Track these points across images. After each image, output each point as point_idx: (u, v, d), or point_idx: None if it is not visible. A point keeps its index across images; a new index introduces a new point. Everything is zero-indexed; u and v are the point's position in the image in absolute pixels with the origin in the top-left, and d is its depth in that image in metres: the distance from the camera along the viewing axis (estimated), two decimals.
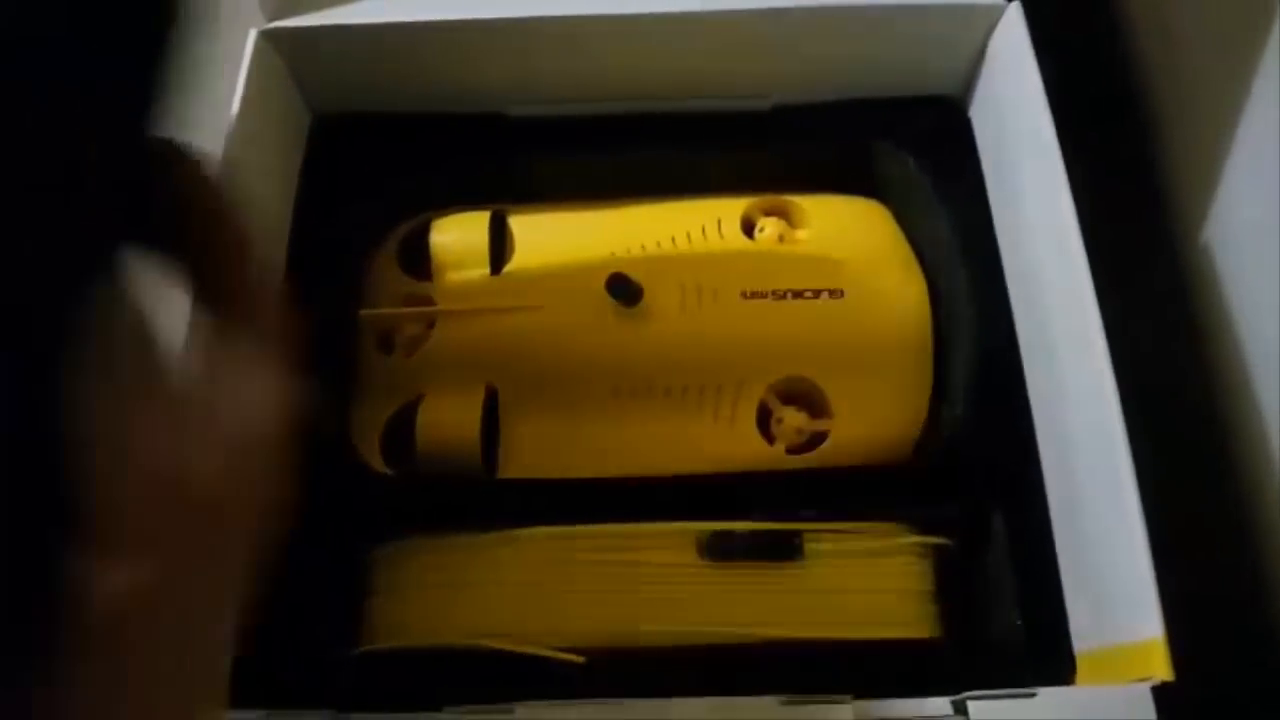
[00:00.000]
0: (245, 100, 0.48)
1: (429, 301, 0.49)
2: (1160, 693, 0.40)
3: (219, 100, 0.47)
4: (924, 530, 0.47)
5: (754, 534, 0.45)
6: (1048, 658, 0.43)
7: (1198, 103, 0.59)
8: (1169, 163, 0.62)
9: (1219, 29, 0.56)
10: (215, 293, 0.26)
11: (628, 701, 0.38)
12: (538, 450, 0.47)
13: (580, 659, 0.41)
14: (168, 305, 0.28)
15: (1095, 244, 0.45)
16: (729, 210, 0.50)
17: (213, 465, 0.23)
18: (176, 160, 0.26)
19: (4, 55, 0.19)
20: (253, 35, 0.50)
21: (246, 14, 0.50)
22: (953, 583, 0.48)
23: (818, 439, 0.48)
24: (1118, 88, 0.64)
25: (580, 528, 0.44)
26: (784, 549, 0.45)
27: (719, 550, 0.44)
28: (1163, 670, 0.40)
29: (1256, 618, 0.53)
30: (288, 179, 0.52)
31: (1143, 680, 0.40)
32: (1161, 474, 0.43)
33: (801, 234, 0.51)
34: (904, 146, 0.53)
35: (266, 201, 0.49)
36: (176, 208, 0.25)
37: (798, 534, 0.45)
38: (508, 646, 0.42)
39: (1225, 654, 0.47)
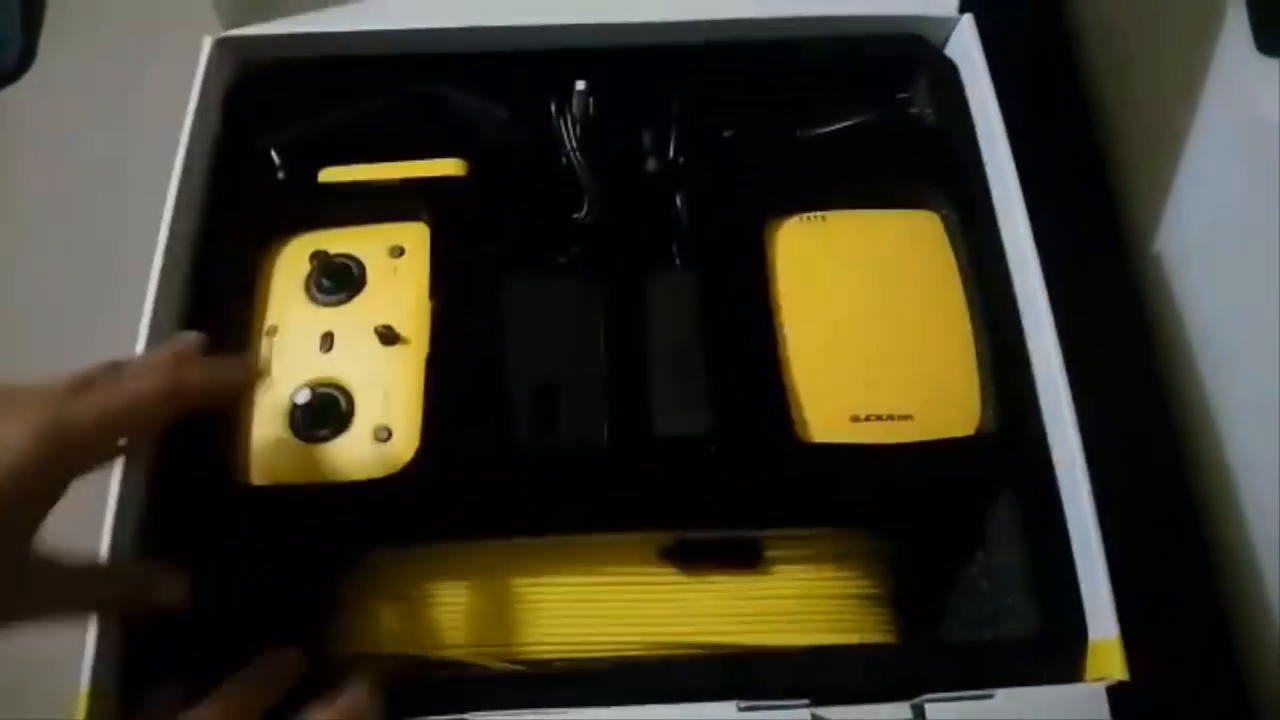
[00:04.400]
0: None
1: None
2: (1115, 692, 0.39)
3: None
4: (889, 536, 0.47)
5: (716, 540, 0.46)
6: (1007, 659, 0.42)
7: (1149, 116, 0.58)
8: (1122, 175, 0.60)
9: (1169, 44, 0.55)
10: None
11: (584, 711, 0.40)
12: None
13: (521, 668, 0.43)
14: None
15: (1049, 253, 0.45)
16: None
17: None
18: None
19: None
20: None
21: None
22: (911, 587, 0.48)
23: None
24: (1071, 99, 0.62)
25: (544, 539, 0.46)
26: (745, 555, 0.46)
27: (682, 556, 0.45)
28: (1118, 670, 0.39)
29: (1210, 618, 0.50)
30: None
31: (1098, 680, 0.40)
32: (1116, 477, 0.42)
33: None
34: None
35: None
36: None
37: (759, 540, 0.46)
38: (453, 657, 0.44)
39: (1179, 655, 0.45)
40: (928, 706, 0.39)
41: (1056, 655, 0.41)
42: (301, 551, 0.47)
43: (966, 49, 0.50)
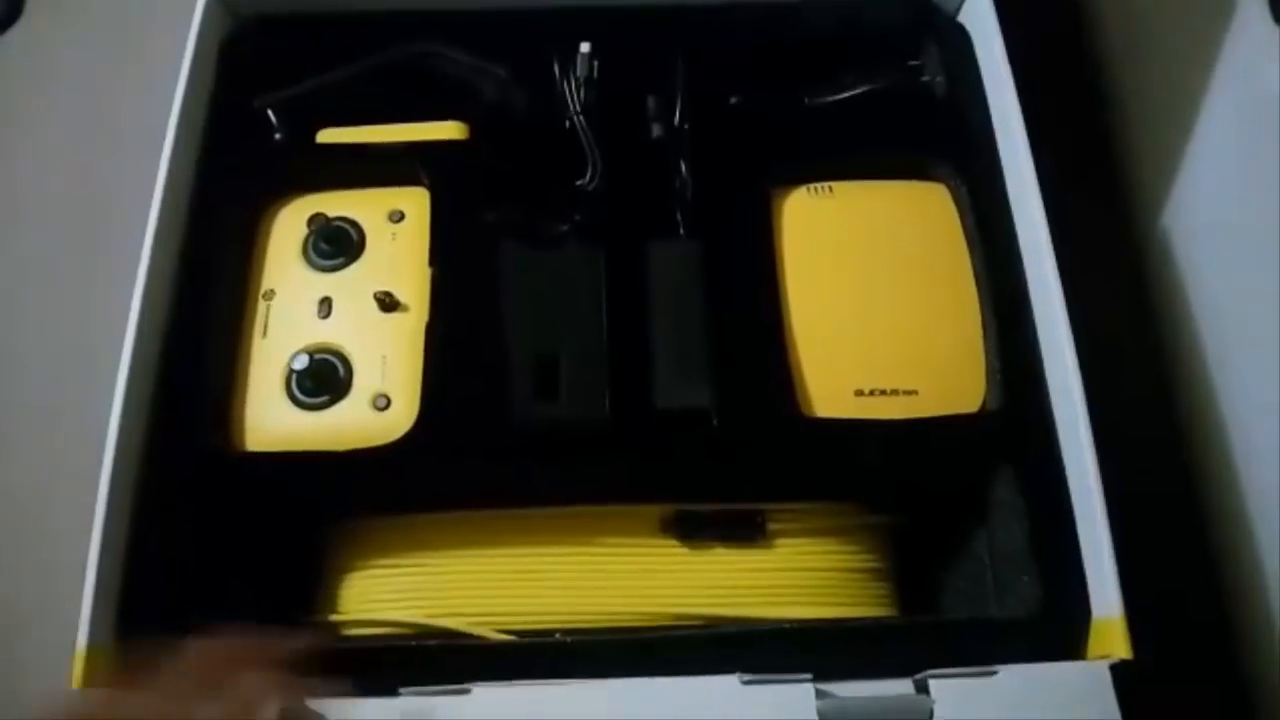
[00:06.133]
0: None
1: None
2: (1118, 671, 0.39)
3: None
4: (892, 511, 0.47)
5: (718, 512, 0.45)
6: (1010, 636, 0.41)
7: (1161, 85, 0.57)
8: (1132, 153, 0.59)
9: (1183, 13, 0.54)
10: None
11: (586, 682, 0.39)
12: None
13: (517, 639, 0.43)
14: None
15: (1060, 227, 0.44)
16: None
17: None
18: None
19: None
20: None
21: None
22: (914, 563, 0.47)
23: None
24: (1085, 80, 0.62)
25: (544, 510, 0.45)
26: (747, 527, 0.45)
27: (684, 528, 0.45)
28: (1121, 648, 0.39)
29: (1209, 599, 0.50)
30: None
31: (1101, 658, 0.39)
32: (1117, 456, 0.41)
33: None
34: None
35: None
36: None
37: (760, 513, 0.45)
38: (451, 626, 0.43)
39: (1181, 635, 0.45)
40: (931, 682, 0.39)
41: (1059, 633, 0.40)
42: (298, 518, 0.46)
43: (980, 16, 0.49)
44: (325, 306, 0.46)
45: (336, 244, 0.48)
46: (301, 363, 0.45)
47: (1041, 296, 0.44)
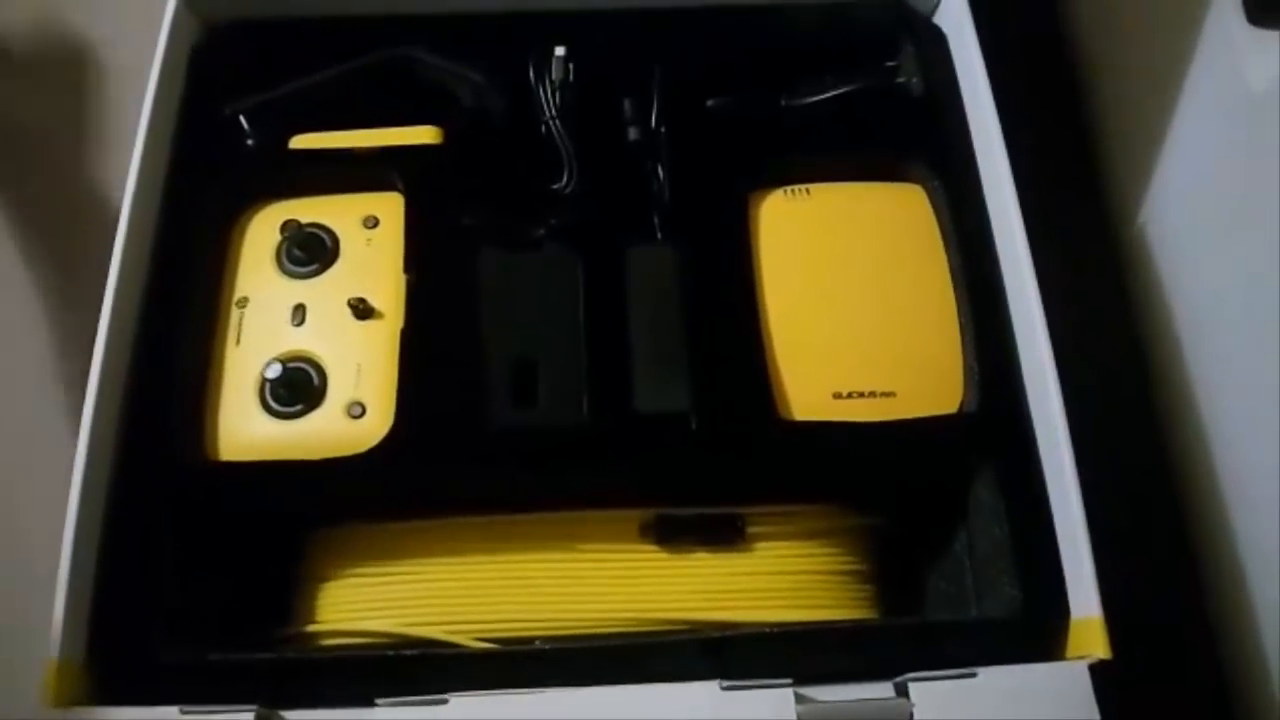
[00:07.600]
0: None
1: None
2: (1099, 671, 0.39)
3: None
4: (871, 514, 0.47)
5: (698, 516, 0.45)
6: (990, 637, 0.42)
7: (1137, 86, 0.57)
8: (1109, 151, 0.60)
9: (1159, 14, 0.54)
10: None
11: (566, 690, 0.39)
12: None
13: (495, 648, 0.42)
14: None
15: (1036, 225, 0.44)
16: None
17: None
18: None
19: None
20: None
21: None
22: (894, 565, 0.47)
23: None
24: (1061, 79, 0.62)
25: (523, 515, 0.45)
26: (727, 531, 0.45)
27: (663, 533, 0.45)
28: (1100, 648, 0.39)
29: (1190, 599, 0.50)
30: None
31: (1081, 658, 0.40)
32: (1096, 456, 0.41)
33: None
34: None
35: None
36: None
37: (740, 516, 0.45)
38: (429, 635, 0.43)
39: (1162, 635, 0.45)
40: (911, 685, 0.39)
41: (1039, 634, 0.41)
42: (273, 527, 0.46)
43: (955, 17, 0.49)
44: (299, 314, 0.46)
45: (310, 250, 0.47)
46: (275, 371, 0.45)
47: (1018, 296, 0.44)
